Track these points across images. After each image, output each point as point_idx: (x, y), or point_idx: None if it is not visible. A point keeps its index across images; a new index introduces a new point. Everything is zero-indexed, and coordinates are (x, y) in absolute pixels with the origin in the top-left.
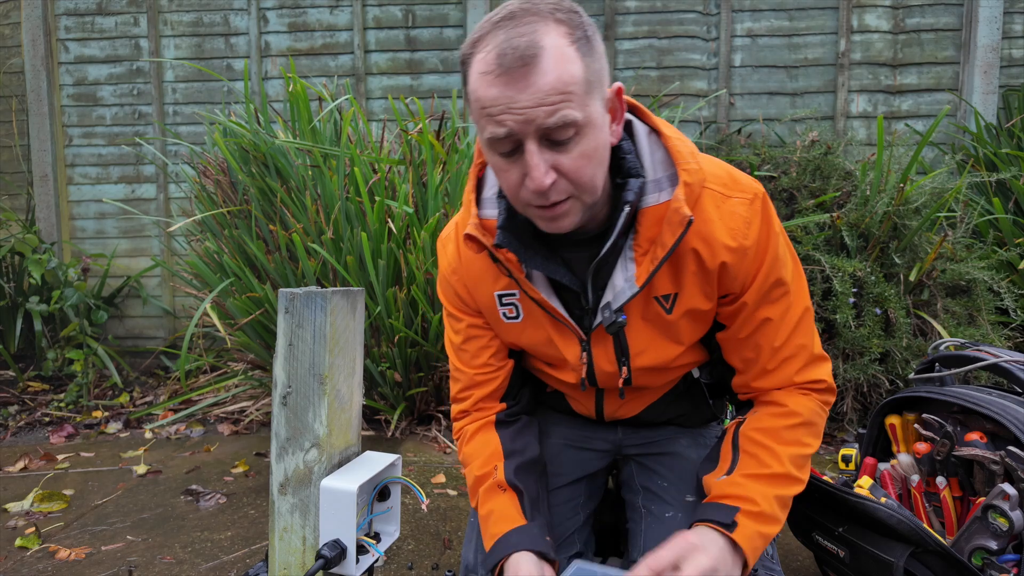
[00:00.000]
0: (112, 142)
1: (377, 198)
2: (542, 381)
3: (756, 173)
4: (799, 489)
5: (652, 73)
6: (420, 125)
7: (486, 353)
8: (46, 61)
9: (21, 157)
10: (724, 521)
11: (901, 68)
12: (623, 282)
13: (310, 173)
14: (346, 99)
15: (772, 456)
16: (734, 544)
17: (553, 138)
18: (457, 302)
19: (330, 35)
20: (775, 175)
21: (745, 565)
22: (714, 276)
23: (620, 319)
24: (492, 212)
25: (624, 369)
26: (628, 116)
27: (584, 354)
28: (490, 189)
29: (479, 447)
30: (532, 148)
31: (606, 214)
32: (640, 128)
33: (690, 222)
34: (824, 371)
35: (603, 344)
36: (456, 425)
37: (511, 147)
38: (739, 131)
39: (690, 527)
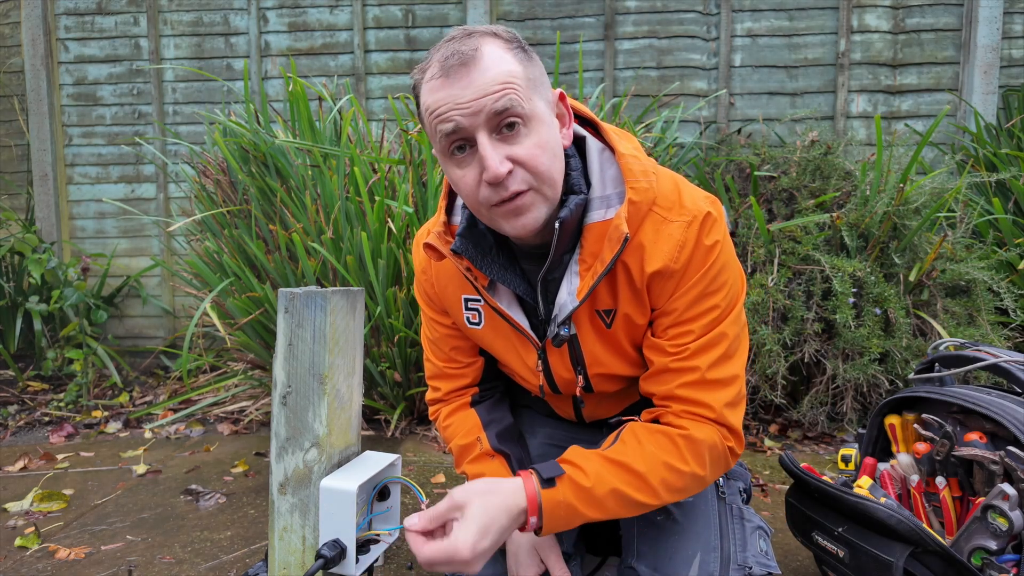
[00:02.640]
0: (112, 142)
1: (377, 198)
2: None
3: (756, 173)
4: (648, 501)
5: (652, 73)
6: (420, 125)
7: (455, 351)
8: (46, 61)
9: (21, 157)
10: (544, 475)
11: (901, 68)
12: (567, 295)
13: (310, 173)
14: (347, 99)
15: (637, 450)
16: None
17: (503, 126)
18: (428, 300)
19: (330, 35)
20: (775, 175)
21: (527, 526)
22: (644, 293)
23: (563, 332)
24: (459, 219)
25: (580, 377)
26: (583, 132)
27: (540, 362)
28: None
29: (459, 422)
30: (484, 140)
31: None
32: (593, 145)
33: (626, 239)
34: (731, 406)
35: (559, 352)
36: (431, 408)
37: (462, 142)
38: (739, 131)
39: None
